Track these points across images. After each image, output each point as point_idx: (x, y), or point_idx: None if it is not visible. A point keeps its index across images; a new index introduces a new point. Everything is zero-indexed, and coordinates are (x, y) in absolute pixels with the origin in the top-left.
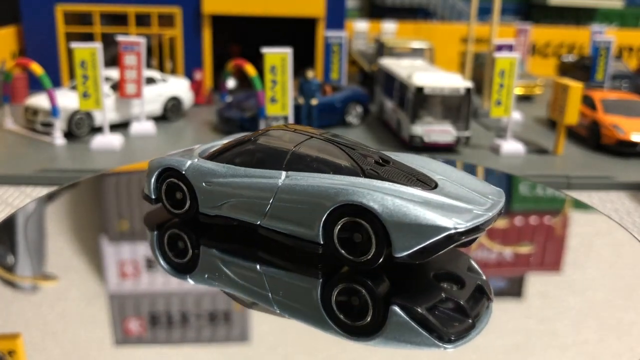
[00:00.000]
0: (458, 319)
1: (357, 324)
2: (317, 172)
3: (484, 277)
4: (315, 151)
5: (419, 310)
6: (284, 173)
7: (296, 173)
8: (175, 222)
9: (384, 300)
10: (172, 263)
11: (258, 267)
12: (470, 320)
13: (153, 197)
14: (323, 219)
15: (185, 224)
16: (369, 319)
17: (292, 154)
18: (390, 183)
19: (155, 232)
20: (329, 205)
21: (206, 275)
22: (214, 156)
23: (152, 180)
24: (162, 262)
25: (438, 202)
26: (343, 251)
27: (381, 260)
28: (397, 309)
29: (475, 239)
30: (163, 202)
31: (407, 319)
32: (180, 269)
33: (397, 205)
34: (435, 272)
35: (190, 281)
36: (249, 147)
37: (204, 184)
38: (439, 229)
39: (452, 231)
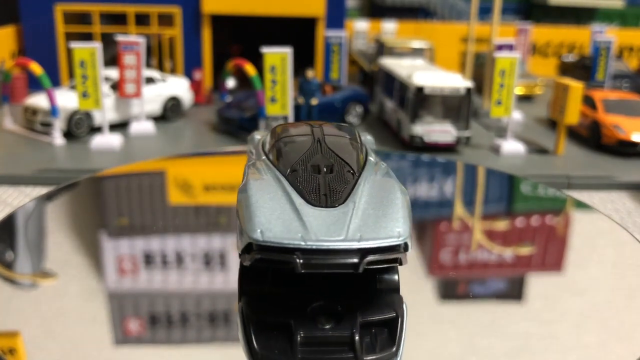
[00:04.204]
0: (278, 348)
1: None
2: (276, 166)
3: (392, 346)
4: (290, 146)
5: (250, 324)
6: (263, 156)
7: (266, 161)
8: None
9: (243, 304)
10: None
11: None
12: (288, 356)
13: None
14: None
15: None
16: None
17: (274, 143)
18: (291, 189)
19: None
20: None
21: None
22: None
23: None
24: None
25: (285, 216)
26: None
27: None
28: (239, 314)
29: (288, 262)
30: None
31: (239, 325)
32: None
33: (244, 199)
34: (332, 303)
35: None
36: (272, 130)
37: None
38: (246, 235)
39: (249, 240)
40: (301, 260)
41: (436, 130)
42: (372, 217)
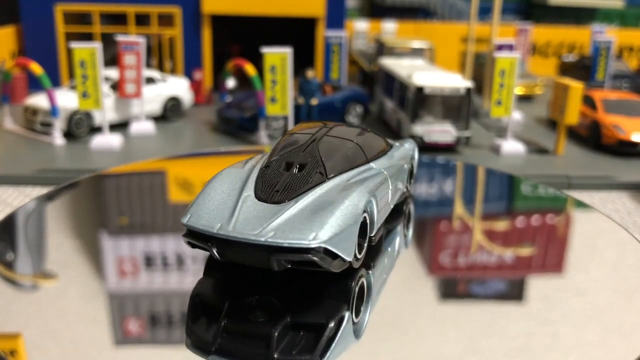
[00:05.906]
0: (206, 330)
1: None
2: (264, 159)
3: (310, 353)
4: (287, 143)
5: (192, 306)
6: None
7: (264, 154)
8: None
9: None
10: None
11: None
12: (209, 338)
13: None
14: None
15: None
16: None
17: (279, 140)
18: (252, 181)
19: None
20: None
21: None
22: None
23: None
24: None
25: (223, 206)
26: None
27: None
28: (194, 302)
29: (206, 249)
30: None
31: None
32: None
33: (204, 186)
34: (276, 299)
35: None
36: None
37: None
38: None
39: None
40: (216, 249)
41: (436, 130)
42: (301, 218)
